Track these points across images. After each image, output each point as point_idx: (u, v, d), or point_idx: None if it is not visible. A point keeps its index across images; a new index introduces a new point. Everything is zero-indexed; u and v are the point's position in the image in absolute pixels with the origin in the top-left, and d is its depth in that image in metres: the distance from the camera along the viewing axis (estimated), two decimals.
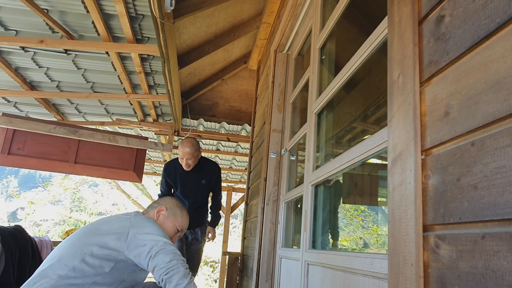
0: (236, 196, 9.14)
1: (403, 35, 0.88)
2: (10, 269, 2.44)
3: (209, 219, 3.33)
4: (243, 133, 4.97)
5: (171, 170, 3.15)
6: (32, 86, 4.14)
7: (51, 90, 4.24)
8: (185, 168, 3.01)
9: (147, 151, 4.73)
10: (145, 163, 6.71)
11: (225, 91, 4.59)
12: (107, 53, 3.43)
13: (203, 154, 6.72)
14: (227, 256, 3.88)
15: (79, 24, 3.05)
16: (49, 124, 4.22)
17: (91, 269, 1.43)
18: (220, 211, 3.51)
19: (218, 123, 4.57)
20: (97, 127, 5.25)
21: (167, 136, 5.21)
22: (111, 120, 5.24)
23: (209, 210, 3.33)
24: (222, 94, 4.60)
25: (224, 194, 8.32)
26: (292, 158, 2.59)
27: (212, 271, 12.43)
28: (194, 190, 3.12)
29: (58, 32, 3.09)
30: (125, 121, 5.13)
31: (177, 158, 3.09)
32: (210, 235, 3.24)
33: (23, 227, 2.94)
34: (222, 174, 8.08)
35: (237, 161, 6.91)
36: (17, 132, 4.12)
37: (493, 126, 0.60)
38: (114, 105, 4.83)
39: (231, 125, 4.66)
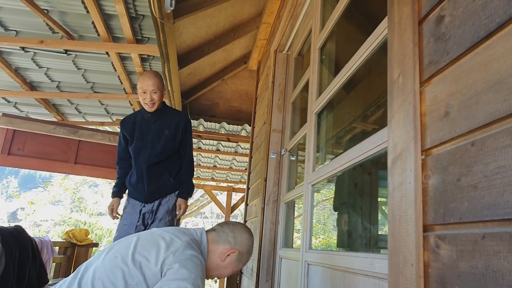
0: (236, 197, 9.14)
1: (403, 35, 0.88)
2: (10, 270, 2.44)
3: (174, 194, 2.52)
4: (243, 133, 4.97)
5: (129, 120, 2.52)
6: (32, 86, 4.14)
7: (51, 90, 4.24)
8: (148, 106, 2.37)
9: None
10: None
11: (225, 91, 4.59)
12: (107, 53, 3.43)
13: (202, 154, 6.79)
14: None
15: (79, 25, 3.05)
16: (49, 124, 4.23)
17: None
18: (192, 179, 2.60)
19: (218, 123, 4.57)
20: (97, 127, 5.25)
21: None
22: (111, 120, 5.25)
23: (170, 177, 2.49)
24: (222, 94, 4.59)
25: (224, 195, 8.31)
26: (292, 158, 2.59)
27: None
28: (153, 141, 2.43)
29: (58, 33, 3.09)
30: None
31: (138, 111, 2.54)
32: (181, 210, 2.46)
33: (23, 227, 2.94)
34: (222, 174, 8.11)
35: (237, 161, 6.91)
36: (17, 132, 4.12)
37: (493, 126, 0.60)
38: (114, 105, 4.83)
39: (231, 125, 4.66)
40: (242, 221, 4.04)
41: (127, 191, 2.59)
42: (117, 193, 2.57)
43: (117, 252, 1.38)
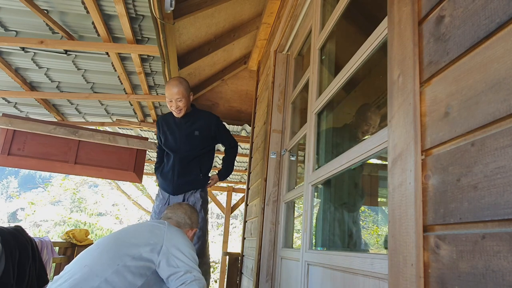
0: (236, 197, 9.14)
1: (403, 35, 0.88)
2: (10, 270, 2.44)
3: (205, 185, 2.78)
4: (243, 133, 4.96)
5: (164, 121, 2.75)
6: (32, 86, 4.14)
7: (51, 90, 4.24)
8: (176, 113, 2.57)
9: (147, 151, 4.72)
10: (145, 164, 6.70)
11: (225, 92, 4.59)
12: (107, 53, 3.43)
13: None
14: (227, 257, 3.88)
15: (79, 25, 3.05)
16: (49, 124, 4.22)
17: (123, 282, 1.39)
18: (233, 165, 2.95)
19: None
20: (97, 128, 5.25)
21: None
22: (111, 121, 5.25)
23: (201, 173, 2.71)
24: (222, 94, 4.59)
25: (224, 195, 8.30)
26: (292, 159, 2.59)
27: (212, 272, 12.44)
28: (184, 142, 2.63)
29: (58, 33, 3.09)
30: (125, 122, 5.13)
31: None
32: (210, 183, 2.75)
33: (23, 227, 2.94)
34: None
35: (237, 162, 6.90)
36: (17, 132, 4.11)
37: (493, 126, 0.60)
38: (114, 105, 4.83)
39: (231, 126, 4.66)
40: (242, 221, 4.04)
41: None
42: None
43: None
